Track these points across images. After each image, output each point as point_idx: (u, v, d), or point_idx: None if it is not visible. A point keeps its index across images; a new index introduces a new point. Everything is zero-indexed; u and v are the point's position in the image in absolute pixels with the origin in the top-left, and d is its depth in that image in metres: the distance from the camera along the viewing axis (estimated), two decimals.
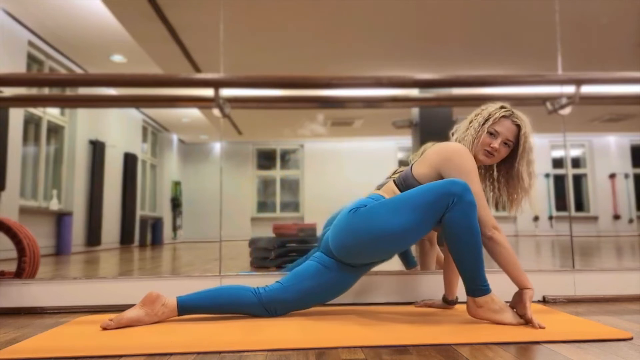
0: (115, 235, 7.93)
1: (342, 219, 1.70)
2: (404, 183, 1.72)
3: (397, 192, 1.72)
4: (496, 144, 1.70)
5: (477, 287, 1.58)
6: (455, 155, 1.65)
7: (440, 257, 2.09)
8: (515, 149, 1.75)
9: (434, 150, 1.72)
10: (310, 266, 1.74)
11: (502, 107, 1.75)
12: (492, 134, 1.71)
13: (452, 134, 1.84)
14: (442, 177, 1.66)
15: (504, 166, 1.81)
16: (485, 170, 1.85)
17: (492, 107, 1.76)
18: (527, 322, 1.54)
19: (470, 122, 1.77)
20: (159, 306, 1.65)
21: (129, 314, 1.62)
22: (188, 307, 1.69)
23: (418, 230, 1.60)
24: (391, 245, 1.65)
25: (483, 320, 1.59)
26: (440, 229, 1.61)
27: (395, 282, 2.09)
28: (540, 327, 1.49)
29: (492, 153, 1.72)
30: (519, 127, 1.73)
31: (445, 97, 3.38)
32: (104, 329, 1.57)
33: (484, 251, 1.62)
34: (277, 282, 1.75)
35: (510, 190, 1.79)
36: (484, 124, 1.72)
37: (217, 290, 1.76)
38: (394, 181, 1.76)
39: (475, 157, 1.72)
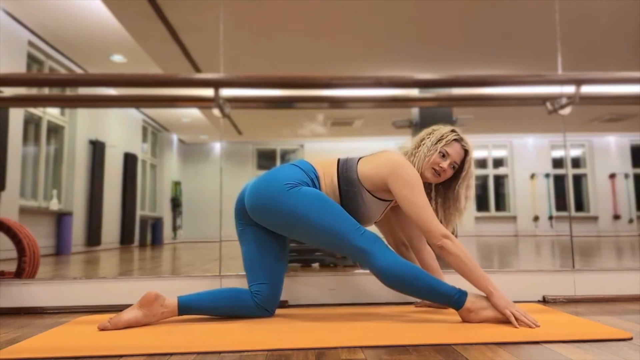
0: (115, 235, 7.93)
1: (273, 186, 1.69)
2: (345, 173, 1.75)
3: (335, 176, 1.75)
4: (445, 164, 1.76)
5: (452, 300, 1.60)
6: (402, 170, 1.70)
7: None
8: (457, 172, 1.81)
9: (385, 159, 1.75)
10: (249, 252, 1.79)
11: (453, 131, 1.81)
12: (443, 155, 1.77)
13: (400, 148, 1.90)
14: (385, 185, 1.71)
15: (443, 187, 1.87)
16: (425, 189, 1.88)
17: (444, 129, 1.82)
18: (517, 320, 1.53)
19: (422, 141, 1.82)
20: (157, 307, 1.65)
21: (126, 315, 1.61)
22: (189, 308, 1.69)
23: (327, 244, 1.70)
24: (301, 236, 1.72)
25: (483, 322, 1.59)
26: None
27: None
28: (536, 326, 1.50)
29: (439, 173, 1.77)
30: (466, 152, 1.80)
31: (445, 97, 3.37)
32: (102, 330, 1.57)
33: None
34: (257, 283, 1.75)
35: (445, 210, 1.84)
36: (436, 143, 1.78)
37: (218, 293, 1.77)
38: (339, 161, 1.79)
39: (422, 175, 1.77)
